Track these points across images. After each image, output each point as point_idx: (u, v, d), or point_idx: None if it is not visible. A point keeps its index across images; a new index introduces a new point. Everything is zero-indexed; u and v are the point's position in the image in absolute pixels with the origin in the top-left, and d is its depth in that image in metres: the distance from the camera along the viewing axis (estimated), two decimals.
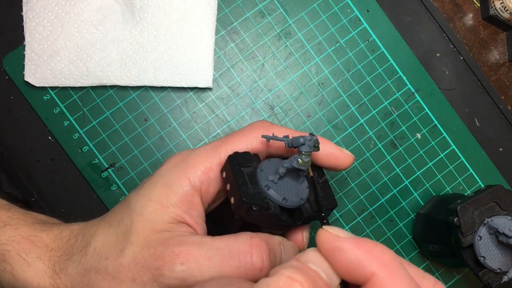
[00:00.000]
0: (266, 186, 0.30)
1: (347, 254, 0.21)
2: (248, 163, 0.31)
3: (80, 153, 0.44)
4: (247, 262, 0.28)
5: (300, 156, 0.30)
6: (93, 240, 0.31)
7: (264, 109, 0.46)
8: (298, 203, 0.31)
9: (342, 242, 0.22)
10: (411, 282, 0.21)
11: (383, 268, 0.21)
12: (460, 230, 0.36)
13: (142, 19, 0.44)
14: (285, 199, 0.30)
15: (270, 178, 0.30)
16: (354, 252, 0.21)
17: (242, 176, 0.30)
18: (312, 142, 0.30)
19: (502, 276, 0.36)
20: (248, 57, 0.46)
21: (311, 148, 0.30)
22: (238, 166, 0.30)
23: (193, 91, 0.45)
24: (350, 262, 0.21)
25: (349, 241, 0.22)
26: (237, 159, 0.30)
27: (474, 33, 0.49)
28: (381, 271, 0.21)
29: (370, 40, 0.46)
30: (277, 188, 0.30)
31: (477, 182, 0.47)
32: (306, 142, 0.30)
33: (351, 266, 0.21)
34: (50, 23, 0.44)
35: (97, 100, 0.45)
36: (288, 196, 0.30)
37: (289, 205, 0.30)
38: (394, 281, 0.21)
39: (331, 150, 0.34)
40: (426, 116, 0.46)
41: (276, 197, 0.30)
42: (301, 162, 0.30)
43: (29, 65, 0.43)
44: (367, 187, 0.46)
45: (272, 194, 0.30)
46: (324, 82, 0.46)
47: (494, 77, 0.49)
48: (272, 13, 0.46)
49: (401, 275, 0.21)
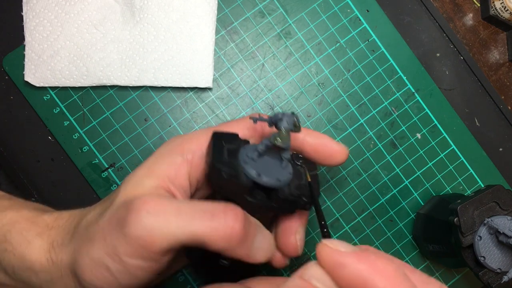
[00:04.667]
0: (243, 161, 0.29)
1: (349, 270, 0.21)
2: (232, 142, 0.31)
3: (80, 153, 0.44)
4: (220, 222, 0.27)
5: (279, 133, 0.29)
6: (89, 214, 0.31)
7: (264, 109, 0.46)
8: (274, 183, 0.29)
9: (344, 257, 0.21)
10: None
11: (387, 282, 0.20)
12: (460, 230, 0.36)
13: (142, 19, 0.44)
14: (259, 174, 0.29)
15: (250, 155, 0.30)
16: (356, 267, 0.21)
17: (220, 148, 0.30)
18: (290, 119, 0.29)
19: (502, 276, 0.36)
20: (248, 57, 0.46)
21: (289, 125, 0.29)
22: (220, 140, 0.30)
23: (193, 91, 0.45)
24: (353, 278, 0.21)
25: (350, 256, 0.21)
26: (222, 136, 0.31)
27: (474, 33, 0.49)
28: (385, 286, 0.20)
29: (370, 40, 0.46)
30: (255, 164, 0.29)
31: (477, 182, 0.47)
32: (284, 118, 0.29)
33: (354, 281, 0.21)
34: (50, 23, 0.44)
35: (97, 100, 0.45)
36: (265, 175, 0.29)
37: (264, 182, 0.29)
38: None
39: (324, 140, 0.33)
40: (426, 116, 0.46)
41: (251, 171, 0.29)
42: (278, 139, 0.28)
43: (29, 65, 0.43)
44: (367, 187, 0.46)
45: (247, 168, 0.29)
46: (324, 82, 0.46)
47: (494, 77, 0.49)
48: (272, 13, 0.46)
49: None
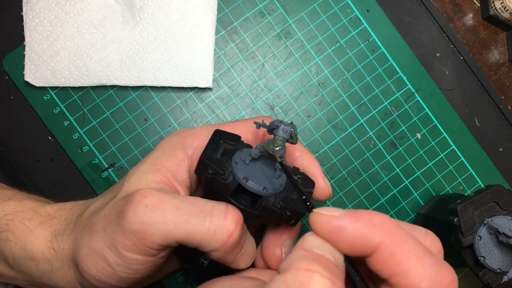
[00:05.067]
0: (235, 162, 0.29)
1: (349, 231, 0.21)
2: (231, 141, 0.30)
3: (80, 153, 0.44)
4: (219, 224, 0.27)
5: (273, 140, 0.28)
6: (92, 205, 0.32)
7: (264, 109, 0.46)
8: (258, 190, 0.29)
9: (341, 220, 0.22)
10: (414, 240, 0.22)
11: (388, 235, 0.21)
12: (460, 230, 0.36)
13: (142, 19, 0.44)
14: (246, 178, 0.28)
15: (243, 158, 0.29)
16: (355, 227, 0.21)
17: (216, 146, 0.29)
18: (287, 128, 0.28)
19: (502, 276, 0.36)
20: (248, 57, 0.46)
21: (285, 134, 0.28)
22: (219, 138, 0.30)
23: (193, 91, 0.45)
24: (354, 238, 0.21)
25: (347, 217, 0.22)
26: (223, 135, 0.30)
27: (474, 33, 0.49)
28: (386, 238, 0.21)
29: (370, 40, 0.46)
30: (245, 168, 0.29)
31: (477, 182, 0.47)
32: (280, 126, 0.29)
33: (355, 241, 0.21)
34: (50, 23, 0.44)
35: (97, 100, 0.45)
36: (253, 180, 0.29)
37: (248, 186, 0.28)
38: (401, 245, 0.21)
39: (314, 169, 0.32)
40: (426, 116, 0.46)
41: (238, 173, 0.29)
42: (270, 146, 0.28)
43: (29, 65, 0.43)
44: (367, 187, 0.46)
45: (236, 169, 0.29)
46: (324, 82, 0.46)
47: (494, 77, 0.49)
48: (272, 13, 0.46)
49: (405, 238, 0.21)
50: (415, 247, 0.21)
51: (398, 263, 0.21)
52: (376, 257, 0.21)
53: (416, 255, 0.21)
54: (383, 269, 0.21)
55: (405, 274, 0.21)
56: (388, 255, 0.21)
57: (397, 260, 0.21)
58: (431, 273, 0.21)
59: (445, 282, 0.21)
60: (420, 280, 0.21)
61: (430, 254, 0.22)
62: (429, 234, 0.24)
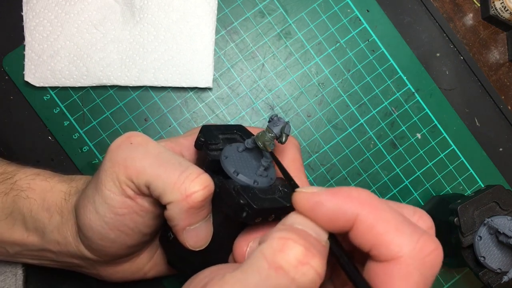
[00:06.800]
0: (229, 144, 0.29)
1: (327, 206, 0.21)
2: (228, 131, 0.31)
3: (80, 153, 0.44)
4: (189, 178, 0.27)
5: (263, 132, 0.29)
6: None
7: (264, 109, 0.46)
8: (230, 171, 0.28)
9: (319, 195, 0.22)
10: (393, 211, 0.22)
11: (364, 207, 0.21)
12: (460, 230, 0.36)
13: (142, 19, 0.44)
14: (225, 156, 0.28)
15: (238, 145, 0.30)
16: (332, 201, 0.21)
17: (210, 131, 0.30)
18: (280, 123, 0.28)
19: (502, 276, 0.36)
20: (248, 57, 0.46)
21: (275, 128, 0.28)
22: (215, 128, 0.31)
23: (193, 91, 0.45)
24: (332, 212, 0.21)
25: (325, 193, 0.22)
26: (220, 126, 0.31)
27: (474, 33, 0.49)
28: (363, 210, 0.21)
29: (370, 40, 0.46)
30: (235, 155, 0.29)
31: (477, 182, 0.47)
32: (274, 119, 0.29)
33: (333, 216, 0.21)
34: (50, 23, 0.44)
35: (97, 100, 0.45)
36: (232, 165, 0.28)
37: (222, 164, 0.28)
38: (379, 215, 0.21)
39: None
40: (426, 116, 0.46)
41: (222, 152, 0.29)
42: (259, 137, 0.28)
43: (29, 65, 0.43)
44: (367, 187, 0.46)
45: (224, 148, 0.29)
46: (324, 82, 0.46)
47: (494, 77, 0.49)
48: (272, 13, 0.46)
49: (382, 208, 0.21)
50: (393, 217, 0.21)
51: (377, 234, 0.21)
52: (356, 230, 0.21)
53: (394, 225, 0.21)
54: (363, 242, 0.21)
55: (384, 244, 0.21)
56: (367, 227, 0.21)
57: (376, 231, 0.21)
58: (410, 242, 0.21)
59: (426, 250, 0.21)
60: (399, 249, 0.20)
61: (410, 224, 0.21)
62: (417, 211, 0.24)
